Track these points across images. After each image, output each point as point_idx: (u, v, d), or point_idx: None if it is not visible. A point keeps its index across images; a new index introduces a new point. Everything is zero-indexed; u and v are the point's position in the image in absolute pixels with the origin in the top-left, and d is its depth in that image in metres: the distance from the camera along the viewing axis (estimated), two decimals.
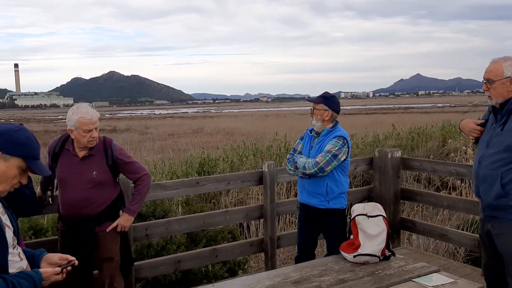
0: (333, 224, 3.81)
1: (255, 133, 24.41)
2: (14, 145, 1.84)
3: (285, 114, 58.03)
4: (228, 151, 12.13)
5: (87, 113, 3.19)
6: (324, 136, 3.76)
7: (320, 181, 3.72)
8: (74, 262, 2.02)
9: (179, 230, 4.29)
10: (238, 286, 2.80)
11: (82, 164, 3.23)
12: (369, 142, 12.53)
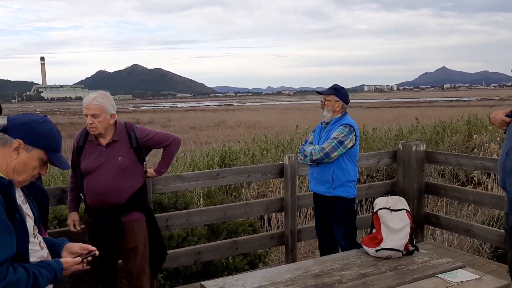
0: (338, 212, 3.90)
1: (276, 126, 24.36)
2: (37, 136, 1.86)
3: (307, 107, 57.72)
4: (250, 144, 12.12)
5: (86, 98, 3.25)
6: (332, 125, 3.89)
7: (327, 168, 3.84)
8: (95, 252, 2.03)
9: (199, 221, 4.29)
10: (258, 279, 2.77)
11: (107, 152, 3.25)
12: (393, 136, 12.35)
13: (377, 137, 11.94)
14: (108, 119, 3.21)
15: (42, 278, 1.77)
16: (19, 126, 1.85)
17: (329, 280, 2.77)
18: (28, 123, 1.87)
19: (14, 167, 1.85)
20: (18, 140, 1.83)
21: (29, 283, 1.72)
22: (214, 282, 2.76)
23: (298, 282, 2.74)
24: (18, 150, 1.84)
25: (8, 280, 1.65)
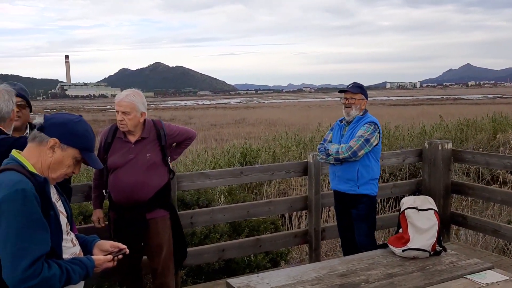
0: (361, 209, 3.91)
1: (297, 124, 24.27)
2: (73, 136, 1.91)
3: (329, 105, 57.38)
4: (271, 142, 12.10)
5: (119, 95, 3.32)
6: (355, 123, 3.88)
7: (352, 167, 3.83)
8: (126, 250, 2.07)
9: (223, 219, 4.30)
10: (283, 277, 2.76)
11: (136, 148, 3.28)
12: (416, 134, 12.18)
13: (399, 135, 11.79)
14: (138, 117, 3.25)
15: (74, 275, 1.80)
16: (56, 125, 1.90)
17: (355, 280, 2.74)
18: (64, 122, 1.92)
19: (49, 164, 1.89)
20: (54, 139, 1.87)
21: (62, 279, 1.76)
22: (239, 280, 2.75)
23: (324, 281, 2.72)
24: (54, 149, 1.88)
25: (42, 276, 1.68)
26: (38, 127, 1.91)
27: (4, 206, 1.69)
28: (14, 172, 1.79)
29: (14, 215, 1.68)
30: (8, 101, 2.40)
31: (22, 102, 2.95)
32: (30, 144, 1.91)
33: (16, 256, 1.66)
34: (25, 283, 1.66)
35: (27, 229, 1.69)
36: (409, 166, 8.65)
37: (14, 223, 1.68)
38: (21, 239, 1.68)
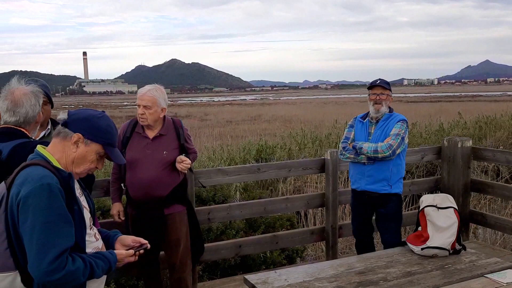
0: (391, 208, 3.83)
1: (313, 121, 24.19)
2: (96, 131, 1.93)
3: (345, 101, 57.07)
4: (286, 139, 12.09)
5: (141, 89, 3.35)
6: (385, 121, 3.78)
7: (385, 166, 3.73)
8: (147, 245, 2.09)
9: (240, 215, 4.31)
10: (301, 274, 2.76)
11: (153, 144, 3.30)
12: (434, 131, 12.05)
13: (417, 132, 11.68)
14: (159, 112, 3.28)
15: (98, 269, 1.83)
16: (79, 121, 1.92)
17: (374, 278, 2.73)
18: (88, 118, 1.94)
19: (73, 159, 1.92)
20: (78, 134, 1.90)
21: (86, 273, 1.78)
22: (257, 276, 2.76)
23: (342, 278, 2.72)
24: (78, 144, 1.91)
25: (67, 270, 1.71)
26: (62, 123, 1.93)
27: (30, 200, 1.71)
28: (40, 167, 1.81)
29: (40, 209, 1.70)
30: (34, 105, 2.41)
31: (44, 98, 2.99)
32: (55, 140, 1.94)
33: (42, 249, 1.68)
34: (50, 276, 1.68)
35: (53, 223, 1.71)
36: (426, 164, 8.58)
37: (40, 217, 1.70)
38: (46, 233, 1.70)
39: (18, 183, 1.77)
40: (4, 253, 1.75)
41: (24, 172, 1.79)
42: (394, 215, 3.87)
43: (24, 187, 1.73)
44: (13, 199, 1.75)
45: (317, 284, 2.63)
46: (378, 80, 3.85)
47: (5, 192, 1.79)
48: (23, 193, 1.72)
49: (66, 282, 1.73)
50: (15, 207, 1.74)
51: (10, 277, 1.76)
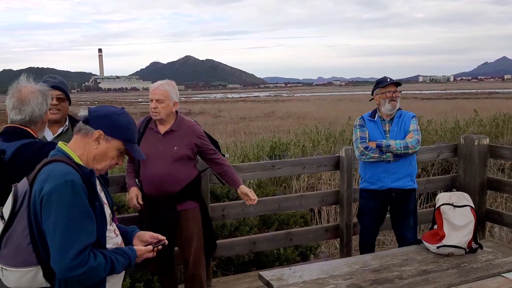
0: (412, 204, 3.90)
1: (327, 118, 24.10)
2: (116, 128, 1.95)
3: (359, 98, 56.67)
4: (300, 136, 12.06)
5: (154, 84, 3.38)
6: (399, 118, 3.83)
7: (407, 161, 3.79)
8: (165, 241, 2.11)
9: (254, 212, 4.32)
10: (316, 271, 2.77)
11: (164, 140, 3.33)
12: (449, 128, 11.91)
13: (432, 130, 11.56)
14: (171, 106, 3.31)
15: (118, 264, 1.85)
16: (100, 118, 1.94)
17: (389, 275, 2.72)
18: (108, 115, 1.95)
19: (94, 156, 1.94)
20: (99, 131, 1.91)
21: (107, 268, 1.80)
22: (271, 273, 2.77)
23: (357, 276, 2.71)
24: (99, 141, 1.92)
25: (89, 265, 1.73)
26: (82, 120, 1.94)
27: (54, 196, 1.73)
28: (62, 164, 1.83)
29: (63, 206, 1.72)
30: (41, 104, 2.36)
31: (62, 95, 3.02)
32: (76, 136, 1.95)
33: (65, 245, 1.70)
34: (72, 271, 1.70)
35: (76, 219, 1.73)
36: (441, 162, 8.49)
37: (63, 214, 1.72)
38: (69, 229, 1.72)
39: (41, 179, 1.78)
40: (27, 248, 1.77)
41: (46, 169, 1.81)
42: (414, 211, 3.93)
43: (47, 184, 1.75)
44: (36, 195, 1.77)
45: (331, 281, 2.63)
46: (388, 78, 3.87)
47: (28, 188, 1.81)
48: (47, 190, 1.74)
49: (88, 277, 1.75)
50: (38, 203, 1.76)
51: (33, 272, 1.78)
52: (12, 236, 1.80)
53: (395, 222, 3.98)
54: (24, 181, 1.86)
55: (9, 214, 1.82)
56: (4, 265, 1.81)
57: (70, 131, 3.08)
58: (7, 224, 1.82)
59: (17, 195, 1.83)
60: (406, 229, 3.89)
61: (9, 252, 1.80)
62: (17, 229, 1.80)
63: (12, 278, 1.80)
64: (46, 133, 2.99)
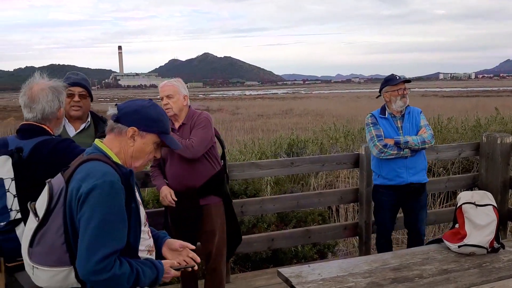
0: (424, 198, 3.99)
1: (346, 115, 23.94)
2: (149, 122, 1.88)
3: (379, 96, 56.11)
4: (318, 133, 12.00)
5: (161, 83, 3.42)
6: (409, 114, 3.93)
7: (420, 156, 3.89)
8: (194, 266, 2.02)
9: (272, 209, 4.32)
10: (335, 269, 2.75)
11: (179, 135, 3.36)
12: (470, 126, 11.72)
13: (452, 128, 11.39)
14: (181, 100, 3.34)
15: (144, 277, 1.77)
16: (130, 114, 1.87)
17: (409, 274, 2.70)
18: (138, 109, 1.89)
19: (131, 154, 1.89)
20: (132, 128, 1.86)
21: (131, 279, 1.73)
22: (290, 270, 2.77)
23: (376, 274, 2.69)
24: (134, 138, 1.87)
25: (113, 273, 1.66)
26: (113, 119, 1.88)
27: (91, 196, 1.67)
28: (101, 163, 1.77)
29: (99, 206, 1.67)
30: (52, 101, 2.32)
31: (83, 92, 3.06)
32: (109, 135, 1.90)
33: (92, 247, 1.65)
34: (96, 275, 1.64)
35: (109, 221, 1.68)
36: (462, 160, 8.37)
37: (97, 214, 1.66)
38: (100, 231, 1.66)
39: (79, 177, 1.73)
40: (61, 247, 1.73)
41: (85, 167, 1.76)
42: (425, 204, 4.04)
43: (86, 183, 1.69)
44: (72, 194, 1.72)
45: (351, 279, 2.62)
46: (397, 76, 3.96)
47: (64, 185, 1.76)
48: (85, 189, 1.68)
49: (110, 285, 1.68)
50: (74, 202, 1.71)
51: (65, 272, 1.74)
52: (46, 234, 1.75)
53: (409, 216, 4.03)
54: (60, 178, 1.81)
55: (44, 211, 1.75)
56: (36, 263, 1.75)
57: (92, 127, 3.13)
58: (42, 222, 1.76)
59: (53, 192, 1.77)
60: (420, 222, 3.98)
61: (42, 250, 1.75)
62: (52, 227, 1.74)
63: (44, 277, 1.75)
64: (69, 129, 3.04)
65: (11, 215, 2.14)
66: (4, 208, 2.14)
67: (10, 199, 2.15)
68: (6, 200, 2.15)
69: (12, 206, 2.15)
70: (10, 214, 2.14)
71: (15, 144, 2.26)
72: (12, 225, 2.15)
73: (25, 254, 1.79)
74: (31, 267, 1.77)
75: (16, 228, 2.16)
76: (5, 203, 2.15)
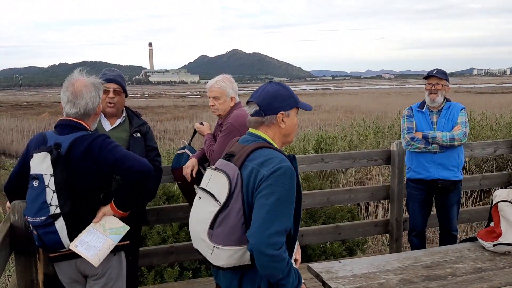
0: (457, 195, 3.93)
1: (376, 111, 23.63)
2: (287, 100, 2.02)
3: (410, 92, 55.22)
4: (347, 129, 11.89)
5: (210, 81, 3.44)
6: (447, 110, 3.86)
7: (454, 153, 3.82)
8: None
9: (303, 204, 4.28)
10: (366, 265, 2.74)
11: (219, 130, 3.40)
12: (505, 123, 11.40)
13: (486, 125, 11.11)
14: (228, 101, 3.37)
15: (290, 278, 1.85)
16: (272, 102, 2.00)
17: (442, 272, 2.66)
18: (275, 95, 2.00)
19: (284, 133, 2.04)
20: (280, 113, 1.99)
21: (285, 270, 1.81)
22: (321, 265, 2.77)
23: (408, 271, 2.67)
24: (283, 119, 2.01)
25: (280, 253, 1.76)
26: (258, 114, 1.99)
27: (271, 177, 1.80)
28: (273, 150, 1.91)
29: (277, 186, 1.79)
30: (94, 97, 2.42)
31: (118, 88, 3.12)
32: (261, 128, 2.02)
33: (267, 221, 1.75)
34: (266, 248, 1.73)
35: (283, 202, 1.78)
36: (496, 158, 8.17)
37: (276, 194, 1.78)
38: (276, 208, 1.77)
39: (256, 163, 1.86)
40: (241, 228, 1.84)
41: (259, 154, 1.89)
42: (458, 202, 3.98)
43: (266, 167, 1.83)
44: (250, 178, 1.85)
45: (382, 276, 2.61)
46: (435, 70, 3.90)
47: (238, 171, 1.88)
48: (266, 173, 1.82)
49: (273, 264, 1.76)
50: (252, 185, 1.84)
51: (242, 251, 1.84)
52: (228, 217, 1.85)
53: (440, 211, 4.01)
54: (229, 165, 1.93)
55: (226, 196, 1.86)
56: (217, 244, 1.85)
57: (127, 122, 3.19)
58: (224, 205, 1.86)
59: (230, 178, 1.88)
60: (450, 219, 3.95)
61: (223, 231, 1.85)
62: (233, 210, 1.85)
63: (223, 256, 1.85)
64: (104, 124, 3.12)
65: (51, 209, 2.22)
66: (44, 203, 2.23)
67: (50, 195, 2.23)
68: (46, 195, 2.23)
69: (52, 201, 2.23)
70: (50, 208, 2.22)
71: (53, 139, 2.35)
72: (52, 219, 2.23)
73: (203, 236, 1.88)
74: (211, 247, 1.87)
75: (55, 222, 2.24)
76: (44, 198, 2.23)
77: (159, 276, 4.26)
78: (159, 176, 3.27)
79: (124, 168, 2.29)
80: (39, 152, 2.27)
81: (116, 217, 2.40)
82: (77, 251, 2.27)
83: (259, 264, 1.77)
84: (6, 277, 4.55)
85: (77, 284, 2.46)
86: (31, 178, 2.27)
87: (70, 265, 2.40)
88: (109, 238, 2.33)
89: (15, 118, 28.85)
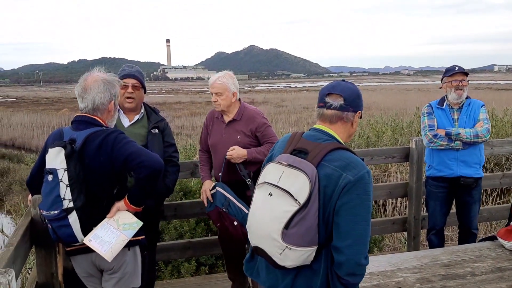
0: (479, 192, 3.91)
1: (394, 108, 23.42)
2: (361, 101, 1.97)
3: (429, 88, 54.48)
4: (364, 126, 11.80)
5: (212, 78, 3.43)
6: (468, 106, 3.85)
7: (476, 150, 3.80)
8: None
9: None
10: (383, 263, 2.73)
11: (228, 129, 3.41)
12: None
13: (508, 122, 10.92)
14: (230, 97, 3.37)
15: None
16: (356, 100, 1.93)
17: (460, 271, 2.64)
18: (356, 91, 1.94)
19: (350, 134, 1.97)
20: (359, 112, 1.95)
21: None
22: None
23: (426, 270, 2.65)
24: (355, 119, 1.95)
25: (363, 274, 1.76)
26: (342, 109, 1.91)
27: (360, 184, 1.73)
28: (351, 153, 1.83)
29: (366, 195, 1.74)
30: (103, 93, 2.40)
31: (137, 83, 3.15)
32: (337, 124, 1.93)
33: (364, 232, 1.72)
34: (365, 259, 1.72)
35: (370, 209, 1.76)
36: None
37: (366, 204, 1.73)
38: (367, 218, 1.73)
39: (337, 165, 1.78)
40: (315, 229, 1.77)
41: (338, 155, 1.80)
42: (479, 199, 3.95)
43: (350, 172, 1.75)
44: (330, 180, 1.76)
45: (399, 274, 2.59)
46: (457, 67, 3.86)
47: (316, 171, 1.78)
48: (351, 178, 1.74)
49: (363, 273, 1.76)
50: (332, 188, 1.76)
51: (310, 251, 1.79)
52: (306, 217, 1.77)
53: (460, 209, 3.98)
54: (305, 163, 1.81)
55: (307, 196, 1.76)
56: (290, 244, 1.76)
57: (145, 118, 3.22)
58: (303, 205, 1.76)
59: (309, 178, 1.77)
60: (471, 217, 3.91)
61: (298, 231, 1.76)
62: (311, 211, 1.77)
63: (293, 257, 1.78)
64: (123, 120, 3.15)
65: (64, 203, 2.26)
66: (57, 197, 2.26)
67: (63, 189, 2.26)
68: (60, 189, 2.26)
69: (65, 196, 2.26)
70: (63, 203, 2.26)
71: (69, 135, 2.38)
72: (65, 213, 2.27)
73: (275, 235, 1.78)
74: (283, 247, 1.78)
75: (68, 216, 2.27)
76: (58, 192, 2.26)
77: (176, 271, 4.30)
78: (176, 172, 3.30)
79: (135, 163, 2.31)
80: (54, 147, 2.31)
81: (130, 213, 2.43)
82: (90, 245, 2.30)
83: (354, 274, 1.73)
84: (27, 270, 4.64)
85: (93, 278, 2.50)
86: (46, 172, 2.32)
87: (86, 259, 2.44)
88: (123, 233, 2.36)
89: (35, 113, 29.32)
